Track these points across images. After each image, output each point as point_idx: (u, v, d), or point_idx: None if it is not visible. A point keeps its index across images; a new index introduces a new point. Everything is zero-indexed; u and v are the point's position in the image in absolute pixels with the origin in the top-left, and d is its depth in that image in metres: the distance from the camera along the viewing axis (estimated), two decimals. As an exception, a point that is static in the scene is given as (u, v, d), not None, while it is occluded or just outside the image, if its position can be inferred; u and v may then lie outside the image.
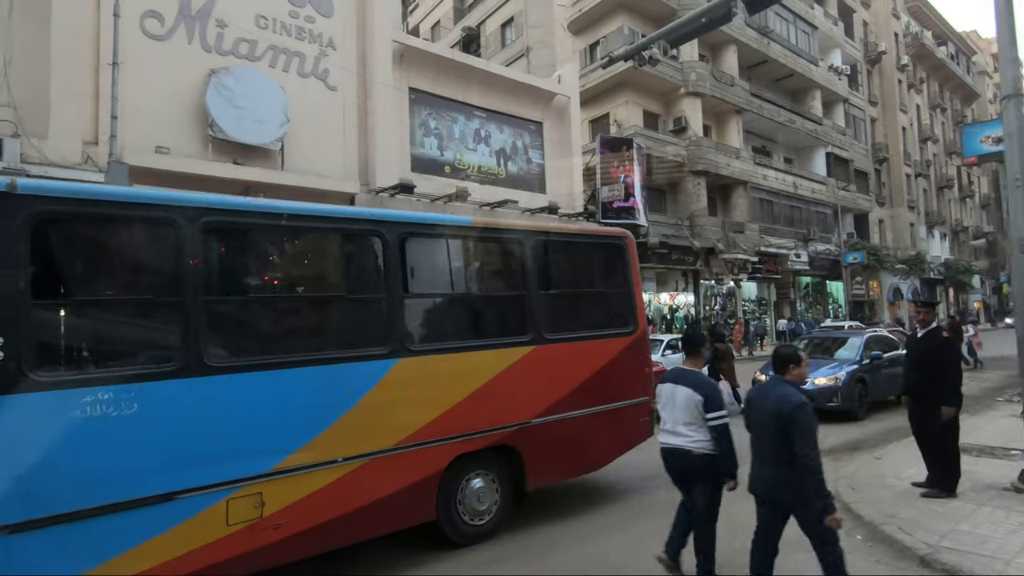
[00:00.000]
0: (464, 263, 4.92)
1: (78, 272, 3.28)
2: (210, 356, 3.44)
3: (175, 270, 3.41)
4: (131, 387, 3.20)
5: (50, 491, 2.98)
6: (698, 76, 25.26)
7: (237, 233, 3.71)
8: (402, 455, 4.18)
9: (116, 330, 3.35)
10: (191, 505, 3.35)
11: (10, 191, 3.00)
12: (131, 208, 3.34)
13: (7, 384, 2.89)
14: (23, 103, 10.55)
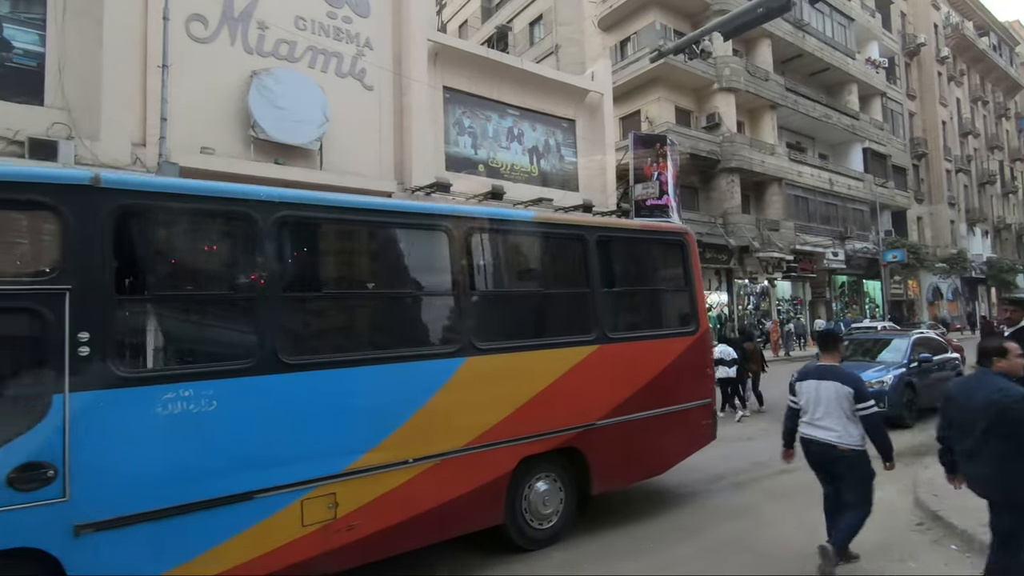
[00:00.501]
0: (528, 259, 4.81)
1: (158, 267, 3.26)
2: (285, 353, 3.39)
3: (251, 265, 3.37)
4: (210, 384, 3.16)
5: (135, 489, 2.96)
6: (732, 71, 24.76)
7: (310, 228, 3.66)
8: (471, 456, 4.09)
9: (194, 326, 3.33)
10: (268, 505, 3.30)
11: (94, 184, 2.98)
12: (210, 202, 3.31)
13: (93, 380, 2.86)
14: (76, 105, 10.79)
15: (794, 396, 4.17)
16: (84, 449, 2.83)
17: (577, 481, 4.79)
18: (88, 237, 2.93)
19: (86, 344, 2.85)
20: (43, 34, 10.85)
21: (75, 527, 2.80)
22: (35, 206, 2.86)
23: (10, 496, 2.68)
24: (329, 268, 3.76)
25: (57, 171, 2.95)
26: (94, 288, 2.90)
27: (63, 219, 2.88)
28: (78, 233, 2.91)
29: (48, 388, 2.78)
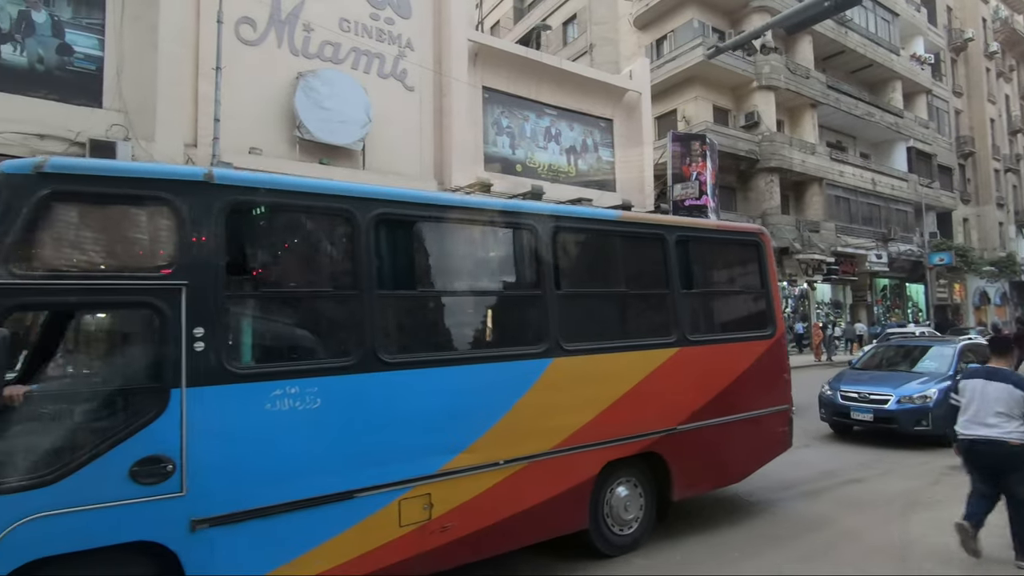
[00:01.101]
0: (611, 259, 4.72)
1: (265, 263, 3.26)
2: (384, 351, 3.36)
3: (352, 262, 3.35)
4: (315, 381, 3.15)
5: (245, 485, 2.95)
6: (772, 69, 24.24)
7: (407, 225, 3.63)
8: (559, 459, 4.02)
9: (298, 323, 3.32)
10: (368, 504, 3.27)
11: (207, 180, 2.99)
12: (314, 198, 3.29)
13: (208, 375, 2.87)
14: (132, 107, 11.07)
15: (957, 395, 4.38)
16: (199, 444, 2.83)
17: (657, 487, 4.67)
18: (202, 233, 2.93)
19: (201, 339, 2.86)
20: (102, 39, 11.16)
21: (191, 522, 2.80)
22: (153, 202, 2.88)
23: (132, 489, 2.69)
24: (424, 266, 3.72)
25: (172, 167, 2.97)
26: (208, 284, 2.91)
27: (179, 215, 2.90)
28: (193, 229, 2.91)
29: (166, 382, 2.79)
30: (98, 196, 2.79)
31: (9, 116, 9.72)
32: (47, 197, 2.66)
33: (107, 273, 2.77)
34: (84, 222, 2.77)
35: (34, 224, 2.63)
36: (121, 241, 2.83)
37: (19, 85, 10.19)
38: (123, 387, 2.84)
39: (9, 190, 2.61)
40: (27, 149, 9.75)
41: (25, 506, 2.51)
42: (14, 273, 2.56)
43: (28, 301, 2.60)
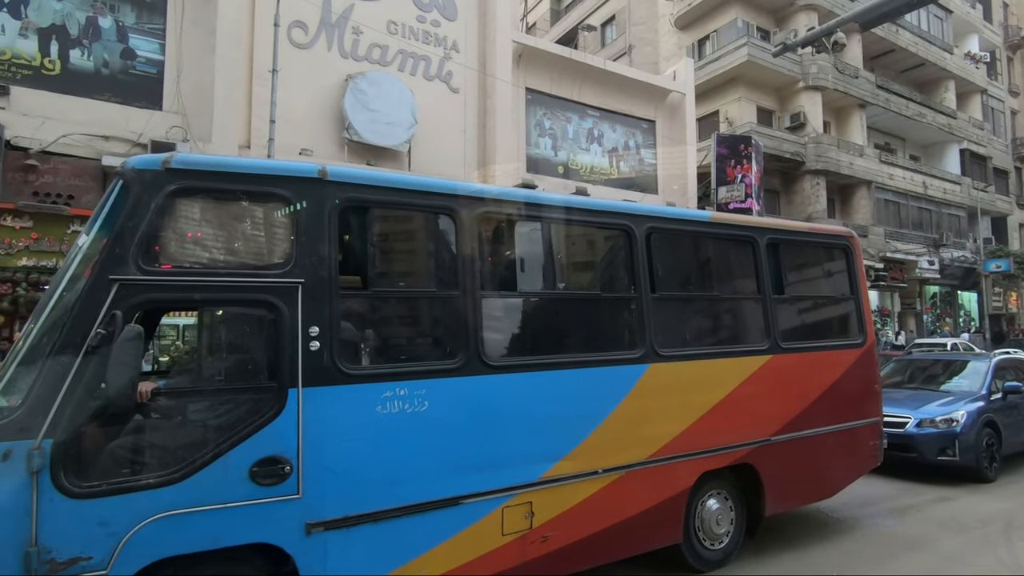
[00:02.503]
0: (703, 262, 4.55)
1: (375, 262, 3.20)
2: (488, 354, 3.25)
3: (456, 262, 3.26)
4: (423, 383, 3.06)
5: (358, 489, 2.88)
6: (819, 68, 23.58)
7: (507, 225, 3.53)
8: (655, 469, 3.86)
9: (406, 323, 3.24)
10: (473, 511, 3.17)
11: (321, 177, 2.93)
12: (419, 196, 3.21)
13: (323, 376, 2.80)
14: (190, 110, 11.30)
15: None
16: (314, 446, 2.76)
17: (747, 500, 4.47)
18: (316, 230, 2.88)
19: (316, 339, 2.80)
20: (162, 43, 11.43)
21: (307, 525, 2.74)
22: (269, 198, 2.83)
23: (251, 490, 2.64)
24: (523, 267, 3.62)
25: (287, 163, 2.92)
26: (322, 282, 2.85)
27: (295, 211, 2.84)
28: (308, 226, 2.86)
29: (284, 382, 2.73)
30: (218, 192, 2.76)
31: (76, 118, 10.01)
32: (174, 193, 2.63)
33: (227, 270, 2.73)
34: (205, 218, 2.74)
35: (161, 219, 2.61)
36: (239, 237, 2.79)
37: (85, 88, 10.49)
38: (242, 385, 2.81)
39: (139, 185, 2.59)
40: (93, 150, 10.04)
41: (152, 504, 2.47)
42: (143, 268, 2.54)
43: (156, 297, 2.57)
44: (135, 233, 2.54)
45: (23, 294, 8.86)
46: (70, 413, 2.38)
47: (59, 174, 9.60)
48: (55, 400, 2.36)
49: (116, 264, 2.49)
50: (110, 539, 2.40)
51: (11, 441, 2.31)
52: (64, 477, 2.36)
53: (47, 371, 2.39)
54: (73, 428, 2.40)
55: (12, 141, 9.22)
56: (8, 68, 9.85)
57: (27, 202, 9.16)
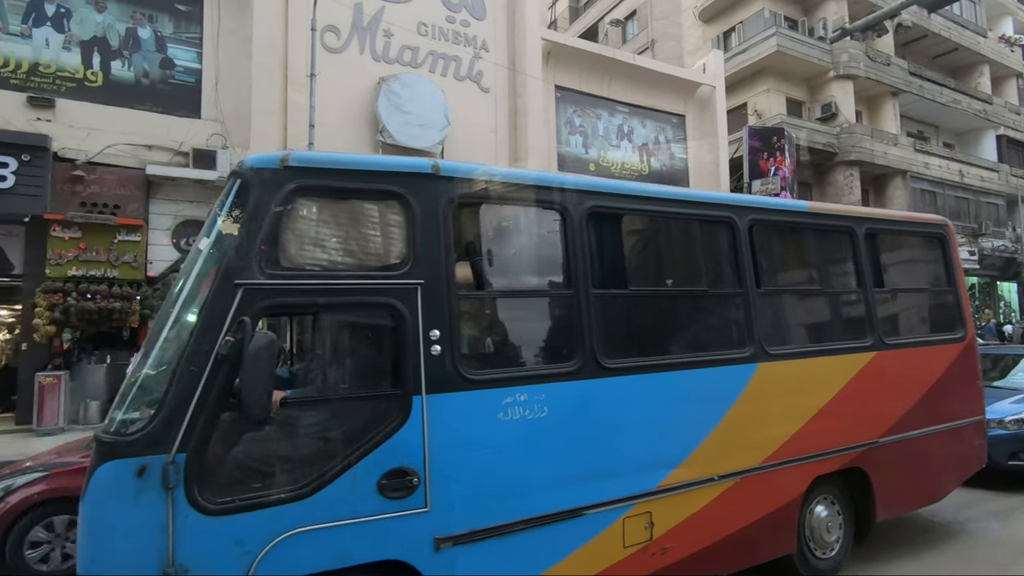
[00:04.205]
0: (803, 254, 4.32)
1: (491, 261, 3.03)
2: (604, 355, 3.07)
3: (570, 259, 3.08)
4: (542, 388, 2.89)
5: (483, 500, 2.71)
6: (850, 57, 23.03)
7: (617, 219, 3.35)
8: (769, 475, 3.64)
9: (522, 324, 3.08)
10: (595, 522, 2.99)
11: (434, 172, 2.78)
12: (534, 191, 3.05)
13: (445, 382, 2.64)
14: (228, 117, 11.32)
15: None
16: (440, 456, 2.61)
17: (854, 506, 4.23)
18: (431, 228, 2.73)
19: (437, 343, 2.64)
20: (200, 51, 11.47)
21: (436, 540, 2.58)
22: (385, 196, 2.69)
23: (381, 504, 2.49)
24: (632, 263, 3.44)
25: (400, 159, 2.77)
26: (440, 283, 2.70)
27: (410, 209, 2.69)
28: (423, 224, 2.71)
29: (408, 389, 2.58)
30: (334, 190, 2.62)
31: (120, 128, 10.07)
32: (293, 191, 2.50)
33: (347, 272, 2.59)
34: (322, 218, 2.61)
35: (281, 220, 2.47)
36: (356, 238, 2.65)
37: (127, 99, 10.55)
38: (367, 393, 2.66)
39: (259, 185, 2.46)
40: (137, 159, 10.09)
41: (285, 520, 2.33)
42: (266, 272, 2.40)
43: (279, 302, 2.44)
44: (256, 235, 2.41)
45: (73, 303, 8.91)
46: (202, 425, 2.25)
47: (105, 184, 9.65)
48: (186, 412, 2.23)
49: (240, 268, 2.36)
50: (245, 558, 2.26)
51: (145, 456, 2.19)
52: (198, 493, 2.23)
53: (177, 382, 2.26)
54: (205, 441, 2.27)
55: (60, 153, 9.29)
56: (53, 81, 9.94)
57: (75, 213, 9.22)
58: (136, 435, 2.21)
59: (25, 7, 9.84)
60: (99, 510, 2.19)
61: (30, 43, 9.84)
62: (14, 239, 9.30)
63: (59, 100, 9.74)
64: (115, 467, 2.18)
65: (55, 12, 10.04)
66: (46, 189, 8.84)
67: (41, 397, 8.35)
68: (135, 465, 2.18)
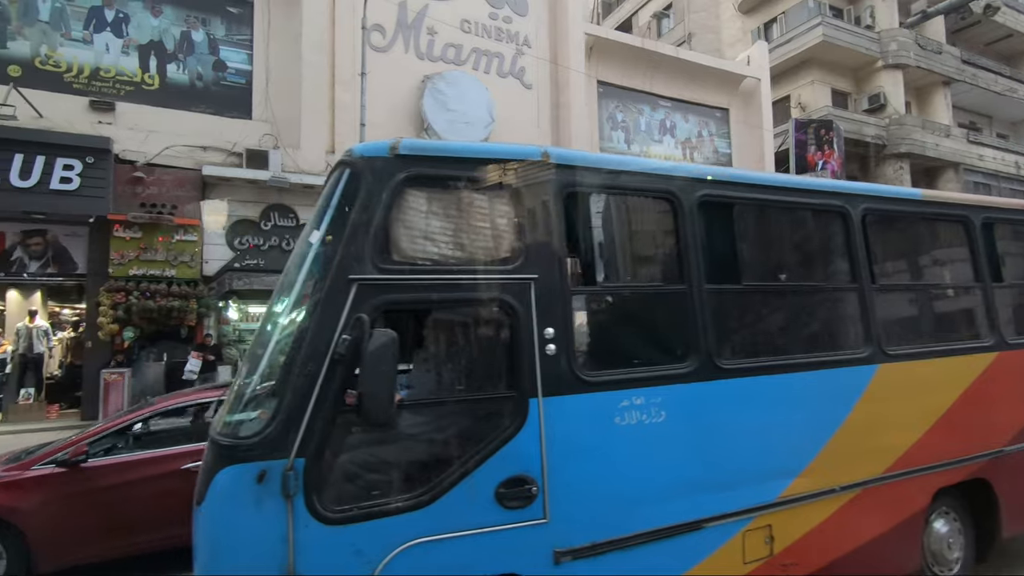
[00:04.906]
0: (918, 246, 4.03)
1: (600, 254, 2.87)
2: (719, 355, 2.87)
3: (682, 253, 2.89)
4: (658, 391, 2.71)
5: (603, 511, 2.55)
6: (900, 45, 22.11)
7: (731, 209, 3.14)
8: (891, 486, 3.39)
9: (636, 322, 2.91)
10: (715, 536, 2.80)
11: (544, 160, 2.63)
12: (647, 179, 2.87)
13: (561, 383, 2.49)
14: (279, 118, 11.41)
15: None
16: (558, 463, 2.46)
17: (975, 520, 3.91)
18: (543, 220, 2.58)
19: (552, 341, 2.48)
20: (250, 53, 11.59)
21: (555, 553, 2.43)
22: (495, 185, 2.54)
23: (499, 514, 2.35)
24: (746, 256, 3.23)
25: (509, 147, 2.63)
26: (554, 278, 2.55)
27: (520, 199, 2.55)
28: (534, 215, 2.56)
29: (524, 391, 2.43)
30: (445, 179, 2.49)
31: (175, 130, 10.23)
32: (404, 181, 2.37)
33: (459, 267, 2.45)
34: (433, 209, 2.47)
35: (393, 212, 2.35)
36: (468, 230, 2.51)
37: (182, 101, 10.73)
38: (482, 396, 2.53)
39: (370, 174, 2.34)
40: (193, 160, 10.24)
41: (404, 530, 2.22)
42: (379, 267, 2.28)
43: (394, 298, 2.32)
44: (368, 227, 2.29)
45: (135, 302, 9.08)
46: (319, 429, 2.15)
47: (163, 185, 9.82)
48: (304, 415, 2.13)
49: (353, 263, 2.25)
50: (365, 568, 2.15)
51: (265, 461, 2.09)
52: (317, 500, 2.12)
53: (293, 383, 2.16)
54: (323, 446, 2.16)
55: (120, 155, 9.48)
56: (113, 85, 10.17)
57: (136, 213, 9.41)
58: (255, 439, 2.12)
59: (86, 13, 10.09)
60: (220, 517, 2.11)
61: (91, 48, 10.09)
62: (78, 239, 9.54)
63: (119, 103, 9.95)
64: (236, 472, 2.09)
65: (114, 18, 10.27)
66: (108, 190, 9.03)
67: (106, 393, 8.55)
68: (255, 470, 2.09)
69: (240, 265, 10.43)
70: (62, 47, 9.89)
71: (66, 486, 4.19)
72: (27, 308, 9.92)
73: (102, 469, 4.31)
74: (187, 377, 9.42)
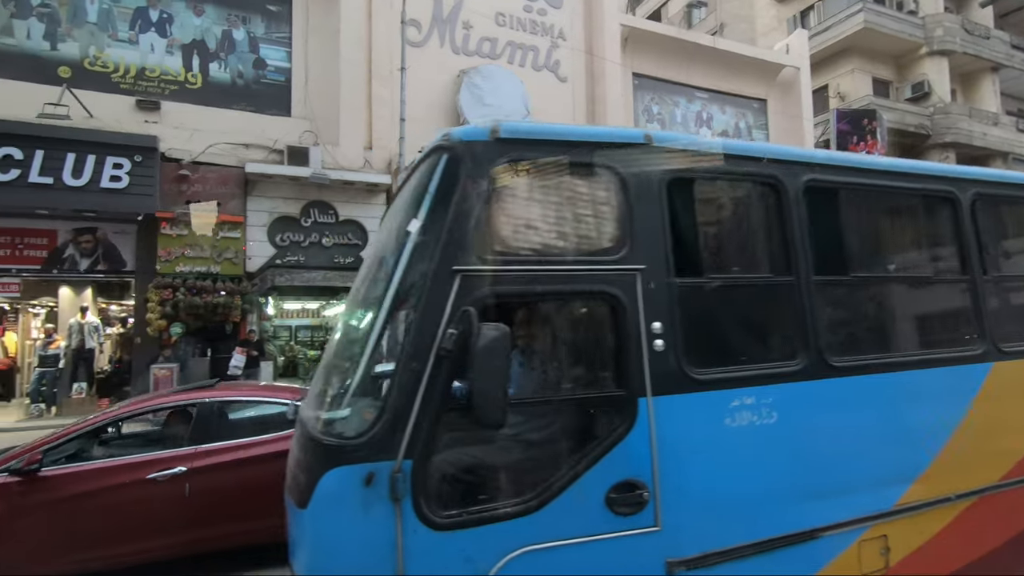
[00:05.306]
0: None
1: (707, 243, 2.71)
2: (829, 352, 2.68)
3: (788, 242, 2.70)
4: (769, 390, 2.54)
5: (713, 519, 2.39)
6: (945, 31, 21.27)
7: (834, 195, 2.94)
8: (1008, 494, 3.14)
9: (743, 316, 2.74)
10: (830, 547, 2.62)
11: (647, 143, 2.46)
12: (751, 164, 2.69)
13: (670, 382, 2.33)
14: (318, 115, 11.43)
15: None
16: (669, 467, 2.31)
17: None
18: (648, 207, 2.42)
19: (660, 337, 2.33)
20: (289, 50, 11.64)
21: (668, 564, 2.28)
22: (597, 170, 2.39)
23: (610, 521, 2.21)
24: (852, 245, 3.02)
25: (612, 129, 2.48)
26: (659, 269, 2.39)
27: (626, 186, 2.39)
28: (639, 202, 2.41)
29: (632, 389, 2.28)
30: (547, 164, 2.34)
31: (219, 128, 10.32)
32: (505, 166, 2.24)
33: (562, 257, 2.31)
34: (534, 196, 2.34)
35: (493, 199, 2.22)
36: (570, 218, 2.37)
37: (224, 99, 10.83)
38: (590, 395, 2.39)
39: (470, 159, 2.21)
40: (236, 158, 10.31)
41: (513, 537, 2.09)
42: (482, 257, 2.15)
43: (496, 291, 2.19)
44: (470, 215, 2.17)
45: (182, 299, 9.19)
46: (426, 429, 2.03)
47: (207, 183, 9.91)
48: (410, 414, 2.02)
49: (457, 253, 2.13)
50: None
51: (373, 463, 1.98)
52: (425, 504, 2.01)
53: (398, 380, 2.04)
54: (429, 446, 2.05)
55: (167, 153, 9.59)
56: (158, 84, 10.30)
57: (182, 211, 9.51)
58: (362, 439, 2.01)
59: (132, 14, 10.22)
60: (328, 520, 2.01)
61: (137, 48, 10.23)
62: (126, 237, 9.70)
63: (163, 102, 10.08)
64: (343, 474, 1.99)
65: (158, 18, 10.39)
66: (156, 188, 9.15)
67: (156, 387, 8.66)
68: (363, 472, 1.98)
69: (281, 261, 10.50)
70: (109, 48, 10.05)
71: (19, 497, 3.85)
72: (78, 305, 10.13)
73: (60, 478, 3.96)
74: (232, 372, 9.52)
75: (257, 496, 4.05)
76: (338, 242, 11.07)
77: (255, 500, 4.11)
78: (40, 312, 11.54)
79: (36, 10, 9.56)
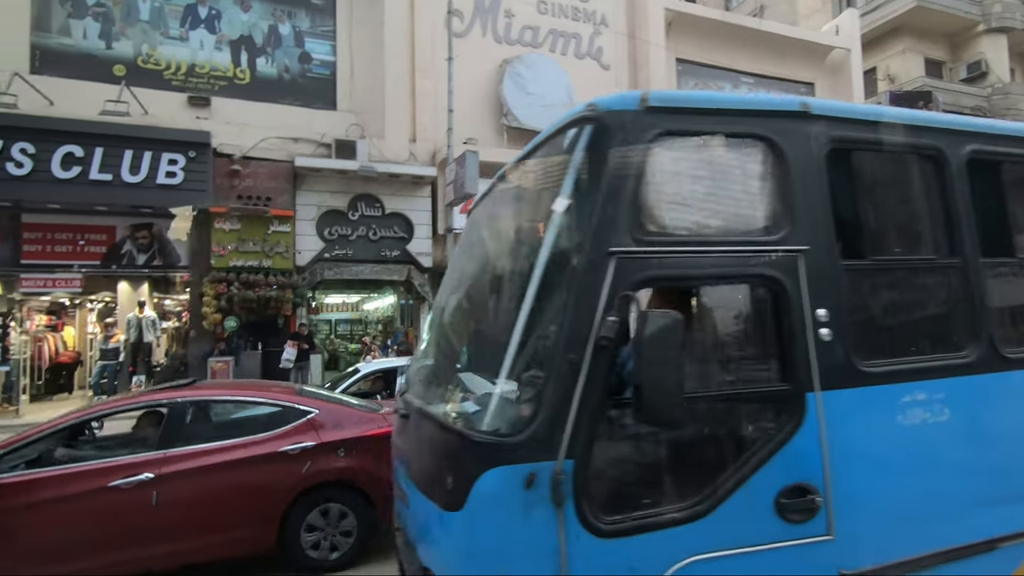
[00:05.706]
0: None
1: (872, 223, 2.46)
2: (1002, 343, 2.40)
3: (952, 220, 2.43)
4: (940, 384, 2.28)
5: (888, 527, 2.15)
6: (1004, 7, 20.20)
7: (1001, 168, 2.65)
8: None
9: (909, 303, 2.49)
10: (1010, 558, 2.35)
11: (805, 111, 2.22)
12: (918, 133, 2.42)
13: (839, 375, 2.11)
14: (363, 108, 11.37)
15: None
16: (840, 469, 2.08)
17: None
18: (809, 183, 2.19)
19: (826, 325, 2.09)
20: (334, 44, 11.58)
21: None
22: (754, 142, 2.16)
23: (780, 529, 2.00)
24: (1019, 223, 2.73)
25: (767, 97, 2.26)
26: (823, 251, 2.16)
27: (784, 159, 2.16)
28: (800, 178, 2.17)
29: (799, 383, 2.06)
30: (700, 136, 2.12)
31: (267, 123, 10.32)
32: (658, 138, 2.03)
33: (715, 238, 2.09)
34: (687, 171, 2.12)
35: (648, 174, 2.01)
36: (723, 195, 2.15)
37: (271, 94, 10.83)
38: (754, 390, 2.17)
39: (621, 131, 2.01)
40: (285, 152, 10.31)
41: (682, 545, 1.90)
42: (636, 238, 1.95)
43: (652, 275, 1.99)
44: (622, 192, 1.97)
45: (236, 293, 9.23)
46: (587, 426, 1.85)
47: (258, 177, 9.93)
48: (570, 410, 1.83)
49: (611, 232, 1.93)
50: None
51: (533, 463, 1.81)
52: (588, 509, 1.82)
53: (555, 372, 1.86)
54: (591, 446, 1.86)
55: (218, 148, 9.63)
56: (208, 80, 10.35)
57: (234, 205, 9.55)
58: (521, 437, 1.83)
59: (182, 12, 10.28)
60: (486, 524, 1.84)
61: (187, 45, 10.29)
62: (180, 232, 9.77)
63: (213, 98, 10.12)
64: (503, 474, 1.81)
65: (207, 14, 10.43)
66: (209, 184, 9.19)
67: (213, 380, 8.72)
68: (524, 472, 1.81)
69: (329, 255, 10.48)
70: (161, 45, 10.13)
71: None
72: (136, 299, 10.28)
73: (13, 486, 3.60)
74: (283, 365, 9.55)
75: (234, 505, 3.82)
76: (385, 235, 11.00)
77: (231, 509, 3.85)
78: (95, 307, 11.79)
79: (92, 9, 9.68)
